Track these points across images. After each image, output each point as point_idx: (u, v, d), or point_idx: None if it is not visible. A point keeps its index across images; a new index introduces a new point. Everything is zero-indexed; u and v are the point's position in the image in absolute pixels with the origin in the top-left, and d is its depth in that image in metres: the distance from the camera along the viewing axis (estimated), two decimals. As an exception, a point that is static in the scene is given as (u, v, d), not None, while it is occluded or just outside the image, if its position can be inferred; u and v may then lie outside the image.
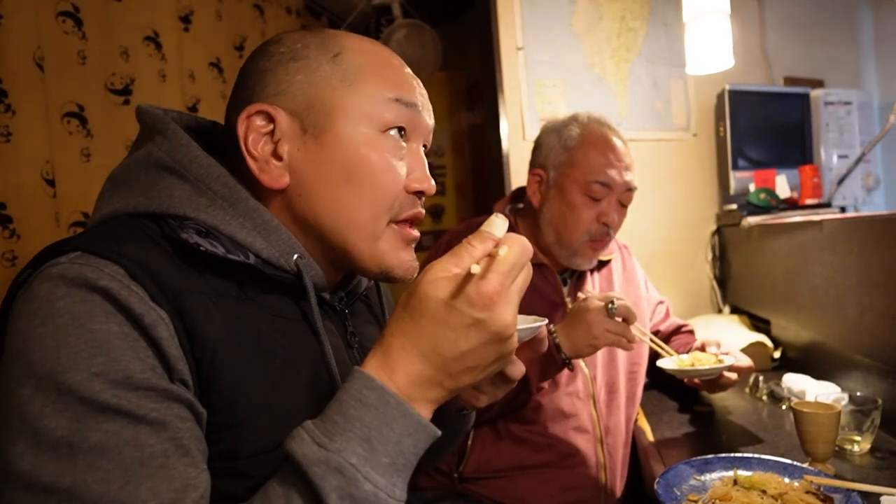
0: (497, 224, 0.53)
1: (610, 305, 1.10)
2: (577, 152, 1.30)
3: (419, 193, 0.68)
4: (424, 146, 0.71)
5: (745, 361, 1.29)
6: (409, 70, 0.69)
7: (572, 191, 1.29)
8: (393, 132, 0.65)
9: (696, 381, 1.33)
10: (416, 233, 0.69)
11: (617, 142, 1.31)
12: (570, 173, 1.30)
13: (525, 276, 0.53)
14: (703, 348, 1.33)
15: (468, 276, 0.49)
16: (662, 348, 1.34)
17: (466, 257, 0.51)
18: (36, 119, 1.40)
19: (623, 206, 1.32)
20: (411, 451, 0.51)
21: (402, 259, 0.68)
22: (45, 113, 1.43)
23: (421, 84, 0.70)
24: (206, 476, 0.52)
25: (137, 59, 1.70)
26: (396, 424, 0.50)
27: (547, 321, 0.63)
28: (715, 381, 1.28)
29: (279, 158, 0.63)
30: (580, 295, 1.20)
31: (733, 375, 1.28)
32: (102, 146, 1.56)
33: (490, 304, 0.49)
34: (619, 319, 1.11)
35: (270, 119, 0.63)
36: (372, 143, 0.64)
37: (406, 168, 0.66)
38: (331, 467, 0.48)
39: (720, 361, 1.23)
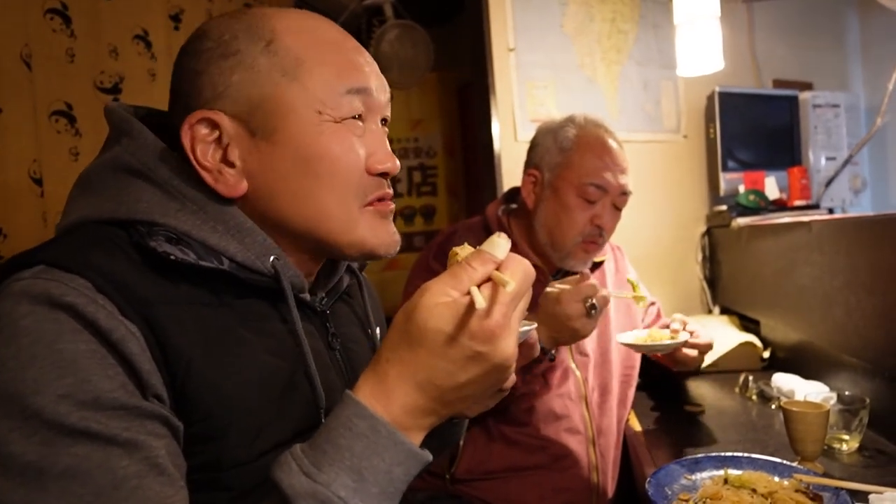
0: (499, 245, 0.50)
1: (592, 311, 1.08)
2: (572, 154, 1.30)
3: (384, 174, 0.65)
4: (384, 120, 0.68)
5: (705, 338, 1.28)
6: (351, 43, 0.65)
7: (567, 192, 1.29)
8: (348, 119, 0.62)
9: (659, 356, 1.33)
10: (391, 205, 0.67)
11: (613, 144, 1.31)
12: (565, 175, 1.30)
13: (525, 301, 0.51)
14: (667, 326, 1.33)
15: (470, 308, 0.47)
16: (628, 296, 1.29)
17: (466, 280, 0.49)
18: (23, 117, 1.39)
19: (617, 209, 1.32)
20: (402, 479, 0.49)
21: (383, 238, 0.66)
22: (32, 111, 1.41)
23: (367, 55, 0.65)
24: (183, 493, 0.50)
25: (127, 57, 1.68)
26: (387, 454, 0.48)
27: (535, 325, 0.63)
28: (675, 356, 1.28)
29: (231, 165, 0.60)
30: (548, 289, 1.13)
31: (693, 352, 1.27)
32: (91, 145, 1.54)
33: (492, 337, 0.47)
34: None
35: (214, 125, 0.59)
36: (327, 132, 0.61)
37: (365, 150, 0.63)
38: (319, 500, 0.46)
39: (675, 337, 1.23)
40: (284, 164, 0.60)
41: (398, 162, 0.66)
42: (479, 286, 0.49)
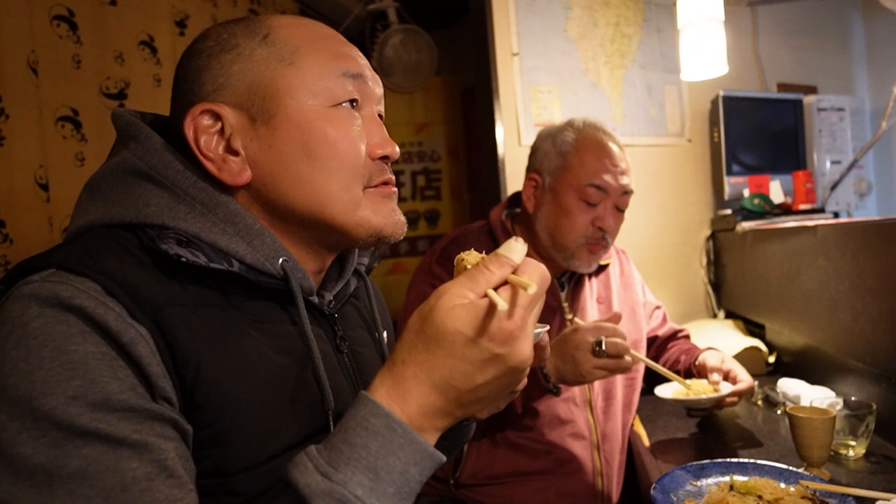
0: (516, 249, 0.51)
1: (597, 348, 1.07)
2: (571, 157, 1.30)
3: (384, 158, 0.66)
4: (380, 115, 0.69)
5: (745, 381, 1.27)
6: (343, 40, 0.67)
7: (567, 195, 1.29)
8: (345, 104, 0.64)
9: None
10: (393, 188, 0.68)
11: (612, 146, 1.31)
12: (565, 178, 1.30)
13: (541, 305, 0.52)
14: (703, 368, 1.31)
15: (490, 310, 0.48)
16: (667, 375, 1.25)
17: (483, 282, 0.49)
18: (30, 123, 1.39)
19: (620, 210, 1.32)
20: (416, 479, 0.49)
21: (388, 217, 0.66)
22: (38, 117, 1.42)
23: (359, 51, 0.68)
24: (192, 497, 0.50)
25: (132, 63, 1.69)
26: (403, 453, 0.48)
27: (548, 327, 0.63)
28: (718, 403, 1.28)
29: (235, 154, 0.61)
30: (575, 321, 1.16)
31: (735, 399, 1.28)
32: (96, 151, 1.55)
33: (510, 339, 0.48)
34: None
35: (216, 117, 0.61)
36: (324, 116, 0.62)
37: (365, 136, 0.65)
38: (335, 499, 0.46)
39: (717, 389, 1.20)
40: (285, 148, 0.61)
41: (397, 148, 0.67)
42: (495, 289, 0.49)
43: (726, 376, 1.30)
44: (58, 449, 0.46)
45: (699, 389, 1.25)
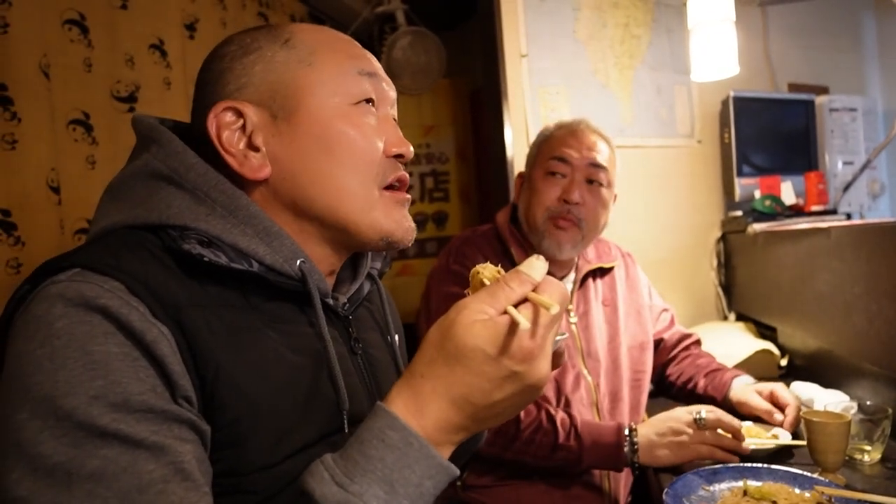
0: (536, 267, 0.52)
1: (698, 418, 1.11)
2: (543, 145, 1.36)
3: (399, 157, 0.68)
4: (394, 119, 0.71)
5: (791, 404, 1.21)
6: (358, 44, 0.70)
7: (537, 176, 1.34)
8: (362, 103, 0.66)
9: None
10: (407, 195, 0.70)
11: (586, 130, 1.34)
12: (535, 162, 1.36)
13: (559, 324, 0.52)
14: (747, 408, 1.26)
15: (511, 327, 0.48)
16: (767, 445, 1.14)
17: (503, 299, 0.50)
18: (41, 126, 1.40)
19: (591, 182, 1.30)
20: (431, 492, 0.50)
21: (399, 222, 0.68)
22: (50, 120, 1.43)
23: (374, 57, 0.71)
24: (207, 500, 0.50)
25: (143, 66, 1.70)
26: (419, 467, 0.49)
27: (567, 335, 0.62)
28: None
29: (256, 150, 0.63)
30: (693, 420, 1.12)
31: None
32: (108, 154, 1.56)
33: (530, 358, 0.48)
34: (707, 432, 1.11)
35: (239, 113, 0.63)
36: (343, 113, 0.64)
37: (382, 134, 0.67)
38: None
39: (775, 436, 1.15)
40: (305, 144, 0.63)
41: (412, 148, 0.70)
42: (515, 306, 0.49)
43: (771, 398, 1.26)
44: (78, 449, 0.46)
45: (755, 433, 1.18)
